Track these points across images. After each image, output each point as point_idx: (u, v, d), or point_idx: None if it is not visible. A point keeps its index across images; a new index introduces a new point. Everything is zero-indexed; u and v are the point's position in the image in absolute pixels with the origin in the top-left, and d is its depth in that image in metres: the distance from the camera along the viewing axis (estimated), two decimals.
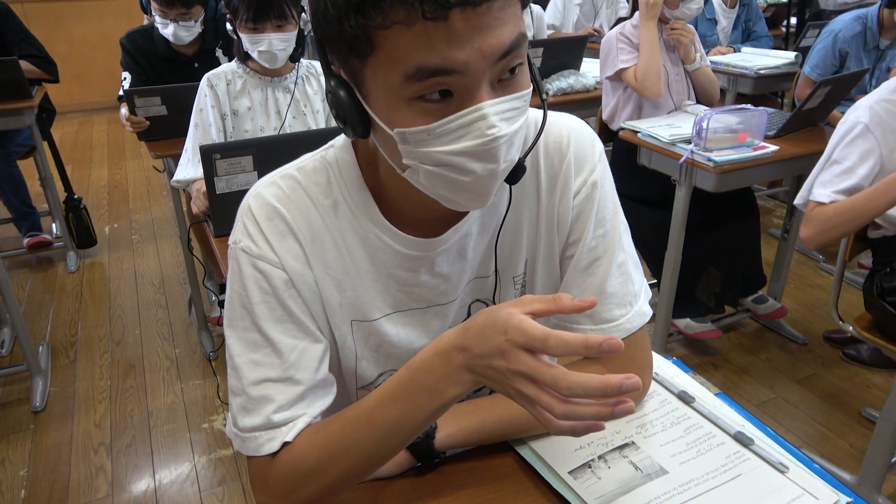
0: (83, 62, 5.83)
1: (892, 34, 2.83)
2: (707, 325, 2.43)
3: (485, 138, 0.60)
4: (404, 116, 0.61)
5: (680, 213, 2.12)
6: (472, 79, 0.59)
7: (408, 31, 0.56)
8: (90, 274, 3.15)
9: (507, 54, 0.59)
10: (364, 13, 0.56)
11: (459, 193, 0.66)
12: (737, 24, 3.69)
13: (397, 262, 0.78)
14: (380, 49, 0.58)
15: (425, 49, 0.56)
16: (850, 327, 1.71)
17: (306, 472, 0.71)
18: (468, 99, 0.60)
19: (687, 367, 0.95)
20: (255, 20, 1.77)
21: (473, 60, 0.57)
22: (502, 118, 0.61)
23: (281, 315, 0.73)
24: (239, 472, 1.95)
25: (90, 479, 1.95)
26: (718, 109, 1.97)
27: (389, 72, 0.59)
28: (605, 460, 0.78)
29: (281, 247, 0.73)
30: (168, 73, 2.48)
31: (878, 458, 1.72)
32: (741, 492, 0.74)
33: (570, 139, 0.81)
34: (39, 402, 2.23)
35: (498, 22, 0.58)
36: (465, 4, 0.55)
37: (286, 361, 0.72)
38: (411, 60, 0.57)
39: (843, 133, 1.61)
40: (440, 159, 0.62)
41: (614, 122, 2.49)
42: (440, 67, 0.57)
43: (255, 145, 1.57)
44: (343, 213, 0.76)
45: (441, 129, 0.60)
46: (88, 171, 4.54)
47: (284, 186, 0.75)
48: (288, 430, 0.71)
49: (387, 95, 0.61)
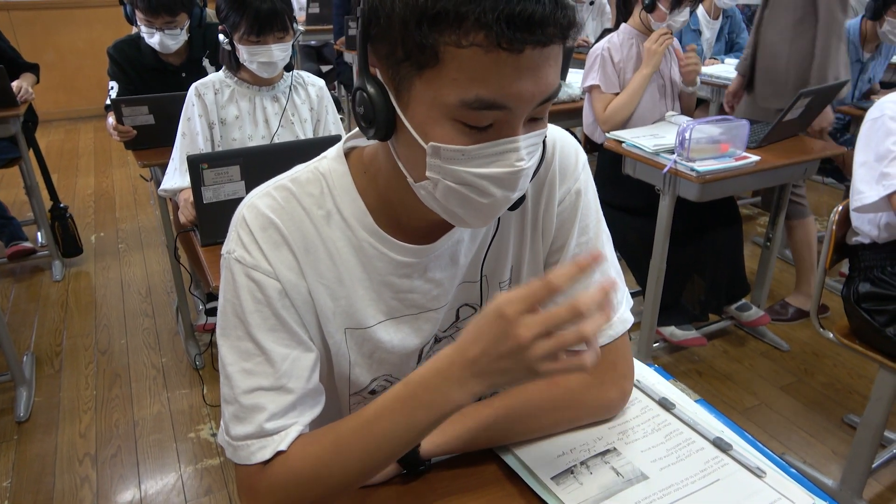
0: (70, 70, 5.81)
1: (873, 46, 2.89)
2: (691, 333, 2.45)
3: (513, 168, 0.64)
4: (444, 133, 0.63)
5: (664, 222, 2.15)
6: (516, 115, 0.62)
7: (485, 55, 0.58)
8: (76, 283, 3.13)
9: (548, 99, 0.64)
10: (440, 26, 0.58)
11: (470, 212, 0.68)
12: (720, 36, 3.75)
13: (391, 269, 0.79)
14: (444, 65, 0.59)
15: (493, 79, 0.59)
16: (831, 335, 1.73)
17: (298, 483, 0.71)
18: (507, 130, 0.63)
19: (668, 374, 0.97)
20: (259, 33, 1.80)
21: (524, 99, 0.61)
22: (528, 151, 0.65)
23: (274, 324, 0.74)
24: (225, 482, 1.95)
25: (75, 490, 1.93)
26: (701, 120, 2.01)
27: (446, 89, 0.60)
28: (587, 466, 0.79)
29: (275, 257, 0.74)
30: (155, 82, 2.48)
31: (859, 464, 1.74)
32: (719, 496, 0.75)
33: (554, 149, 0.83)
34: (23, 412, 2.21)
35: (551, 67, 0.62)
36: (536, 43, 0.58)
37: (278, 370, 0.73)
38: (474, 87, 0.59)
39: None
40: (466, 179, 0.65)
41: (595, 135, 2.52)
42: (495, 102, 0.60)
43: (242, 155, 1.58)
44: (336, 223, 0.77)
45: (476, 152, 0.63)
46: (75, 180, 4.51)
47: (279, 197, 0.76)
48: (280, 438, 0.72)
49: (431, 108, 0.62)
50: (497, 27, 0.56)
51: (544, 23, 0.57)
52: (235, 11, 1.79)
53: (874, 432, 1.69)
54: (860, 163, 1.62)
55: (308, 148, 0.78)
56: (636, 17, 2.39)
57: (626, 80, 2.38)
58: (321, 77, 2.11)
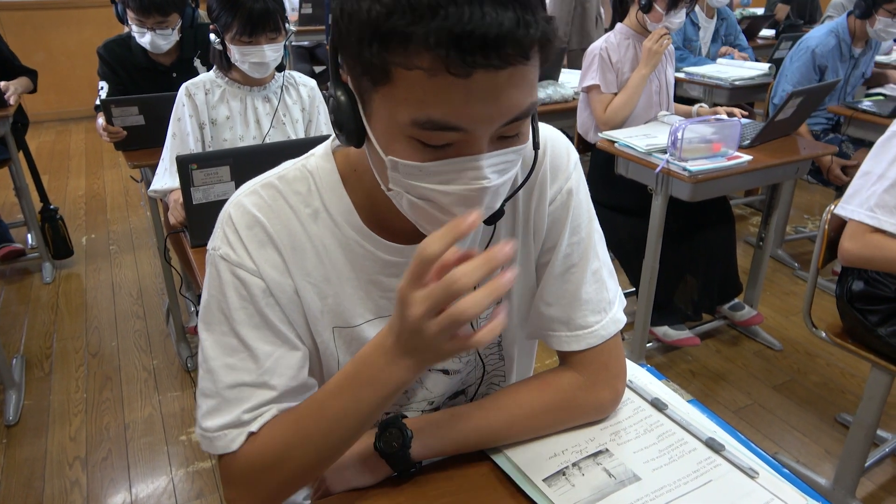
0: (61, 71, 5.77)
1: (863, 42, 2.92)
2: (685, 333, 2.46)
3: (472, 186, 0.61)
4: (401, 148, 0.61)
5: (657, 221, 2.15)
6: (476, 135, 0.59)
7: (428, 80, 0.55)
8: (66, 285, 3.11)
9: (515, 120, 0.60)
10: (389, 47, 0.55)
11: (436, 227, 0.66)
12: (716, 37, 3.77)
13: (378, 268, 0.79)
14: (395, 85, 0.57)
15: (441, 103, 0.56)
16: (823, 334, 1.73)
17: (266, 464, 0.73)
18: (467, 149, 0.60)
19: (661, 375, 0.96)
20: (251, 34, 1.79)
21: (481, 122, 0.58)
22: (494, 170, 0.62)
23: (258, 322, 0.74)
24: (217, 485, 1.93)
25: (65, 494, 1.91)
26: (693, 120, 2.01)
27: (398, 108, 0.59)
28: (579, 467, 0.79)
29: (259, 256, 0.74)
30: (146, 82, 2.46)
31: (852, 463, 1.74)
32: (712, 497, 0.75)
33: (545, 148, 0.83)
34: (13, 415, 2.19)
35: (513, 88, 0.58)
36: (488, 67, 0.54)
37: (262, 367, 0.74)
38: (424, 109, 0.57)
39: None
40: (426, 195, 0.63)
41: (589, 134, 2.52)
42: (450, 124, 0.58)
43: (232, 155, 1.57)
44: (324, 221, 0.77)
45: (435, 168, 0.61)
46: (65, 181, 4.48)
47: (265, 195, 0.76)
48: (254, 420, 0.73)
49: (388, 124, 0.61)
50: (442, 50, 0.53)
51: (500, 44, 0.53)
52: (227, 11, 1.77)
53: (867, 431, 1.69)
54: (863, 172, 1.56)
55: (299, 148, 0.78)
56: (632, 17, 2.39)
57: (623, 81, 2.38)
58: (314, 78, 2.10)
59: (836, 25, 2.90)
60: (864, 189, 1.52)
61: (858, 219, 1.51)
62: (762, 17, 5.09)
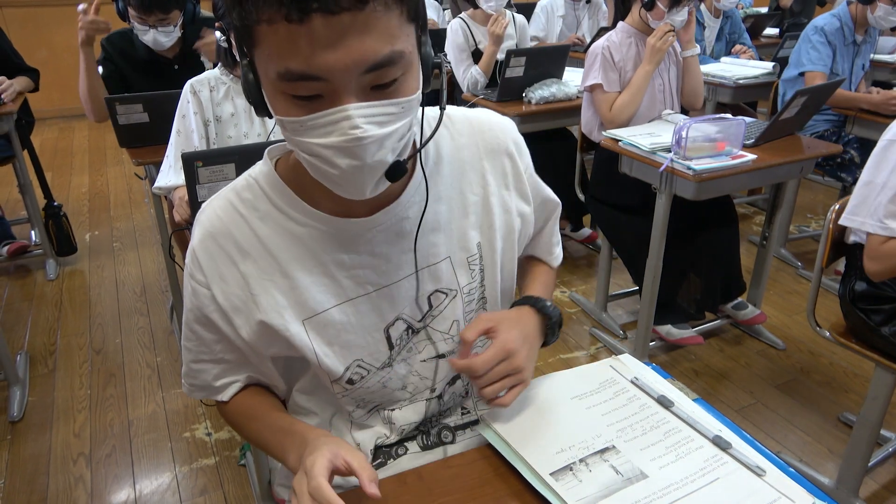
0: (64, 68, 5.75)
1: (864, 29, 2.93)
2: (688, 332, 2.46)
3: (347, 136, 0.64)
4: (282, 106, 0.66)
5: (661, 220, 2.14)
6: (337, 84, 0.62)
7: (277, 32, 0.59)
8: (70, 282, 3.11)
9: (375, 68, 0.62)
10: (243, 7, 0.61)
11: (335, 184, 0.70)
12: (720, 36, 3.76)
13: (335, 246, 0.82)
14: (259, 43, 0.63)
15: (291, 52, 0.60)
16: (827, 333, 1.73)
17: (232, 424, 0.95)
18: (335, 100, 0.63)
19: (666, 373, 0.96)
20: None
21: (336, 69, 0.61)
22: (370, 121, 0.64)
23: (206, 322, 0.85)
24: (220, 482, 1.94)
25: (69, 490, 1.92)
26: (697, 119, 2.00)
27: (267, 66, 0.63)
28: (586, 463, 0.79)
29: (209, 267, 0.81)
30: (148, 75, 2.46)
31: (856, 462, 1.74)
32: (720, 495, 0.75)
33: (503, 130, 0.92)
34: (17, 411, 2.20)
35: (362, 34, 0.60)
36: (325, 11, 0.58)
37: (213, 350, 0.88)
38: (282, 61, 0.61)
39: None
40: (312, 150, 0.67)
41: (593, 133, 2.52)
42: (305, 73, 0.61)
43: (237, 153, 1.57)
44: (274, 219, 0.81)
45: (311, 122, 0.64)
46: (69, 178, 4.49)
47: (219, 209, 0.82)
48: (221, 391, 0.93)
49: (266, 84, 0.67)
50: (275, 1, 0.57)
51: None
52: None
53: (871, 431, 1.69)
54: (864, 181, 1.55)
55: None
56: (635, 15, 2.38)
57: (626, 79, 2.38)
58: None
59: (839, 11, 2.93)
60: (870, 200, 1.53)
61: (872, 231, 1.52)
62: (766, 15, 5.09)
